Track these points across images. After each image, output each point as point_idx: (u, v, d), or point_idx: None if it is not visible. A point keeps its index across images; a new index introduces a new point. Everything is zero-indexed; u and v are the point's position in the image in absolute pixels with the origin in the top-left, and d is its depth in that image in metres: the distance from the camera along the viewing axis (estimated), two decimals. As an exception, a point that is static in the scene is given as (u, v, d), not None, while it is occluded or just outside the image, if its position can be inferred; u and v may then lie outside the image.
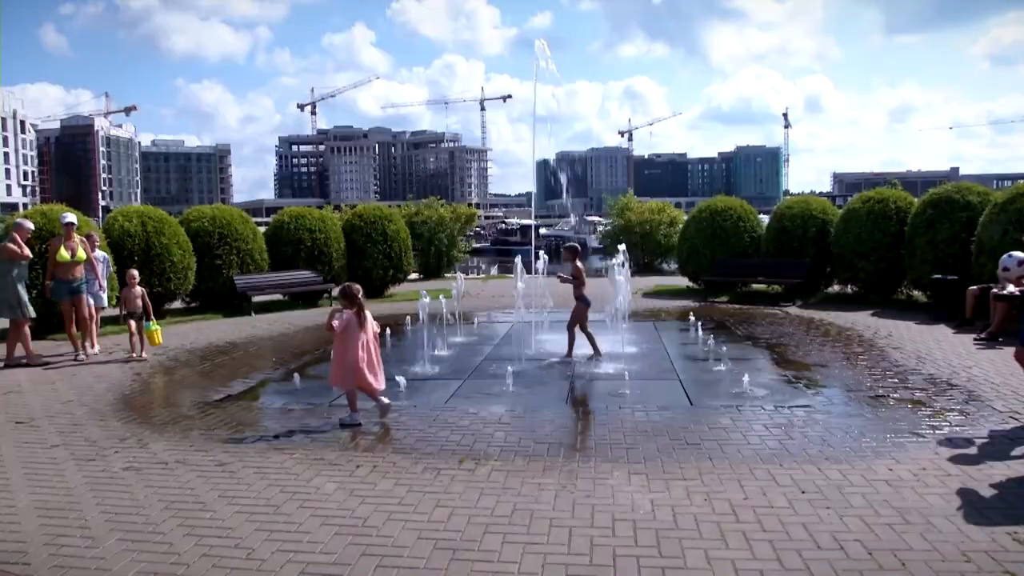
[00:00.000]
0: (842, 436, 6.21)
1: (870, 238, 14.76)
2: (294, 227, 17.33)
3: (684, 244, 18.14)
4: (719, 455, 5.78)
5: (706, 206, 18.06)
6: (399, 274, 19.03)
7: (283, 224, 17.54)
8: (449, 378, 8.84)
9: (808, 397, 7.56)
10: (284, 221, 17.60)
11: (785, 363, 9.32)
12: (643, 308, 15.15)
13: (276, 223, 17.83)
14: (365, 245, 18.29)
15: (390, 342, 11.46)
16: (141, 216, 14.68)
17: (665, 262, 26.43)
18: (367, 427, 6.79)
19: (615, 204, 28.04)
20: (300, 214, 17.76)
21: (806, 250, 16.07)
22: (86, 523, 4.78)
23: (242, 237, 16.14)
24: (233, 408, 7.70)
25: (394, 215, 19.54)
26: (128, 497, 5.22)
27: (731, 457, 5.73)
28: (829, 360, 9.44)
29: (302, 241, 17.18)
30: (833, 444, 6.00)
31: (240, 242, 16.06)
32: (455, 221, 26.18)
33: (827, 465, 5.51)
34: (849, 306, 14.56)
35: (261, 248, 16.72)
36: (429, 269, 25.19)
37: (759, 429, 6.45)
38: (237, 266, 15.96)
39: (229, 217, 16.22)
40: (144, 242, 14.35)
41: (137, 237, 14.31)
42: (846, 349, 10.17)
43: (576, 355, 9.69)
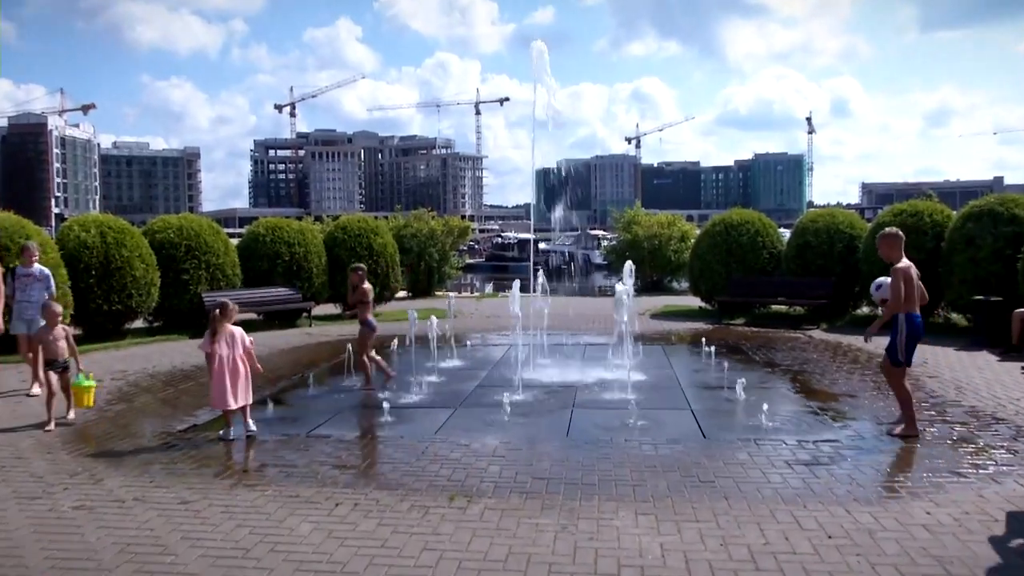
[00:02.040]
0: (873, 475, 6.16)
1: (903, 255, 14.76)
2: (270, 240, 17.32)
3: (696, 261, 18.17)
4: (736, 494, 5.73)
5: (721, 220, 18.11)
6: (386, 292, 19.02)
7: (258, 236, 17.53)
8: (439, 406, 8.80)
9: (835, 431, 7.51)
10: (259, 233, 17.60)
11: (809, 393, 9.28)
12: (651, 330, 15.12)
13: (250, 235, 17.83)
14: (349, 260, 18.23)
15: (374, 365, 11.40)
16: (100, 226, 14.66)
17: (675, 280, 26.45)
18: (347, 459, 6.73)
19: (621, 217, 28.13)
20: (277, 225, 17.77)
21: (832, 268, 16.09)
22: (27, 571, 4.69)
23: (212, 250, 16.12)
24: (199, 439, 7.63)
25: (380, 227, 19.57)
26: (78, 540, 5.15)
27: (749, 497, 5.68)
28: (858, 390, 9.41)
29: (279, 255, 17.17)
30: (863, 484, 5.95)
31: (210, 255, 16.04)
32: (447, 234, 26.21)
33: (857, 507, 5.46)
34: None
35: (233, 262, 16.70)
36: (418, 287, 25.16)
37: (780, 466, 6.40)
38: (206, 282, 15.93)
39: (198, 228, 16.21)
40: (103, 255, 14.31)
41: (95, 249, 14.28)
42: (877, 378, 10.12)
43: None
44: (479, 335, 14.87)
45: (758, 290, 16.74)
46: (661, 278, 26.43)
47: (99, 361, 12.32)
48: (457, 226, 26.93)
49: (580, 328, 14.98)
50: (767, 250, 17.32)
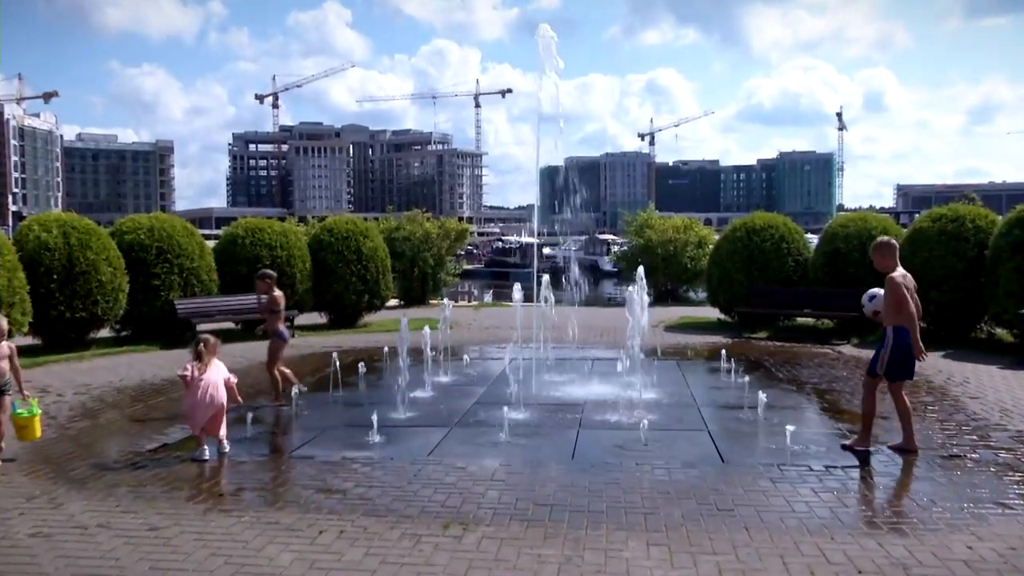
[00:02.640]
0: (908, 504, 6.15)
1: (942, 264, 14.80)
2: (250, 242, 17.36)
3: (715, 269, 18.17)
4: (757, 524, 5.72)
5: (742, 224, 18.13)
6: (375, 300, 19.04)
7: (236, 238, 17.56)
8: (433, 425, 8.80)
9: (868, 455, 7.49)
10: (238, 235, 17.64)
11: (837, 413, 9.27)
12: (666, 344, 15.11)
13: (228, 237, 17.87)
14: (336, 265, 18.31)
15: (363, 381, 11.43)
16: (63, 225, 14.69)
17: (692, 290, 26.47)
18: (332, 482, 6.72)
19: (633, 220, 28.19)
20: (257, 227, 17.80)
21: (863, 277, 16.03)
22: (-16, 600, 4.69)
23: (186, 253, 16.15)
24: (170, 460, 7.63)
25: (370, 230, 19.60)
26: (35, 571, 5.14)
27: (772, 527, 5.67)
28: (891, 411, 9.36)
29: (259, 259, 17.18)
30: (897, 513, 5.94)
31: (183, 259, 16.07)
32: (443, 238, 26.25)
33: (890, 540, 5.45)
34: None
35: (209, 267, 16.72)
36: (411, 295, 25.17)
37: (806, 493, 6.40)
38: (179, 288, 15.95)
39: (170, 229, 16.25)
40: (66, 257, 14.34)
41: (58, 251, 14.31)
42: (912, 398, 10.07)
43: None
44: (477, 348, 14.86)
45: (782, 301, 16.74)
46: (676, 287, 26.44)
47: (60, 374, 12.34)
48: (454, 229, 26.98)
49: (587, 341, 14.98)
50: (792, 257, 17.33)
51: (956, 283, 14.69)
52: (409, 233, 25.22)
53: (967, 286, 14.67)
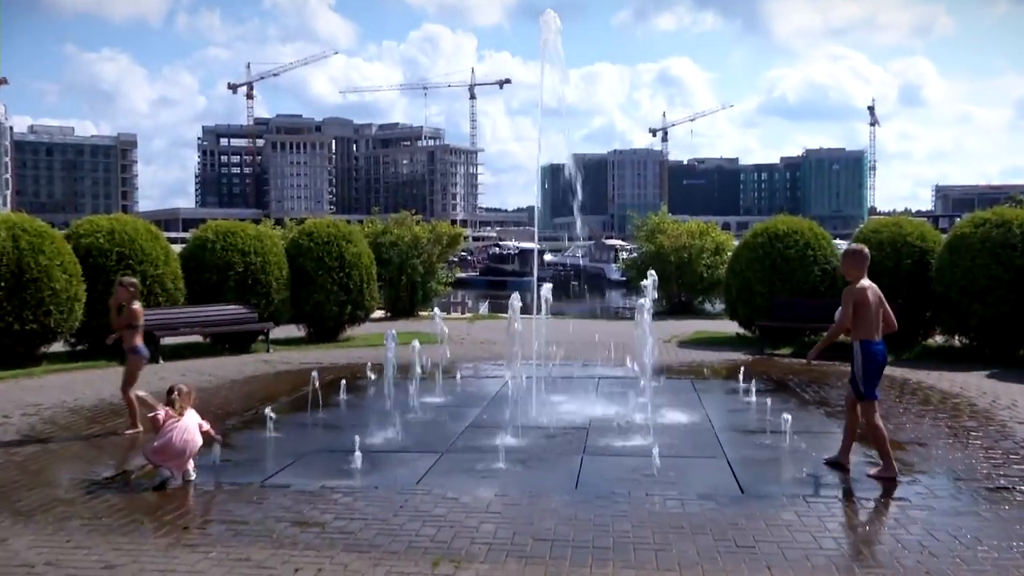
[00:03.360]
0: (949, 542, 6.13)
1: (986, 274, 14.82)
2: (221, 247, 17.35)
3: (734, 278, 18.19)
4: (781, 562, 5.70)
5: (763, 229, 18.16)
6: (359, 311, 19.04)
7: (206, 243, 17.56)
8: (422, 451, 8.78)
9: (902, 487, 7.49)
10: (208, 239, 17.64)
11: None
12: (679, 361, 15.10)
13: (197, 241, 17.87)
14: (315, 273, 18.31)
15: (345, 400, 11.40)
16: (12, 227, 14.70)
17: (708, 302, 26.49)
18: (310, 514, 6.70)
19: (643, 224, 28.23)
20: (229, 230, 17.81)
21: (898, 289, 16.07)
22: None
23: (150, 259, 16.15)
24: (129, 489, 7.60)
25: (354, 234, 19.63)
26: (-20, 609, 5.10)
27: (797, 566, 5.65)
28: (929, 437, 9.38)
29: (231, 266, 17.19)
30: (937, 552, 5.92)
31: (147, 265, 16.06)
32: (434, 243, 26.28)
33: (927, 579, 5.42)
34: (957, 364, 14.53)
35: (175, 274, 16.72)
36: (399, 305, 25.17)
37: (834, 528, 6.38)
38: (142, 297, 15.88)
39: (133, 232, 16.25)
40: (15, 263, 14.34)
41: (5, 256, 14.30)
42: (953, 422, 10.10)
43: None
44: (471, 364, 14.84)
45: (808, 314, 16.73)
46: (691, 298, 26.46)
47: (7, 393, 12.31)
48: (446, 233, 27.02)
49: (593, 357, 14.95)
50: (819, 266, 17.34)
51: (1002, 295, 14.70)
52: (397, 238, 25.24)
53: (1014, 298, 14.67)
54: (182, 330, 16.31)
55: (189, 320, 16.44)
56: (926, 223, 18.10)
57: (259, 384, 13.35)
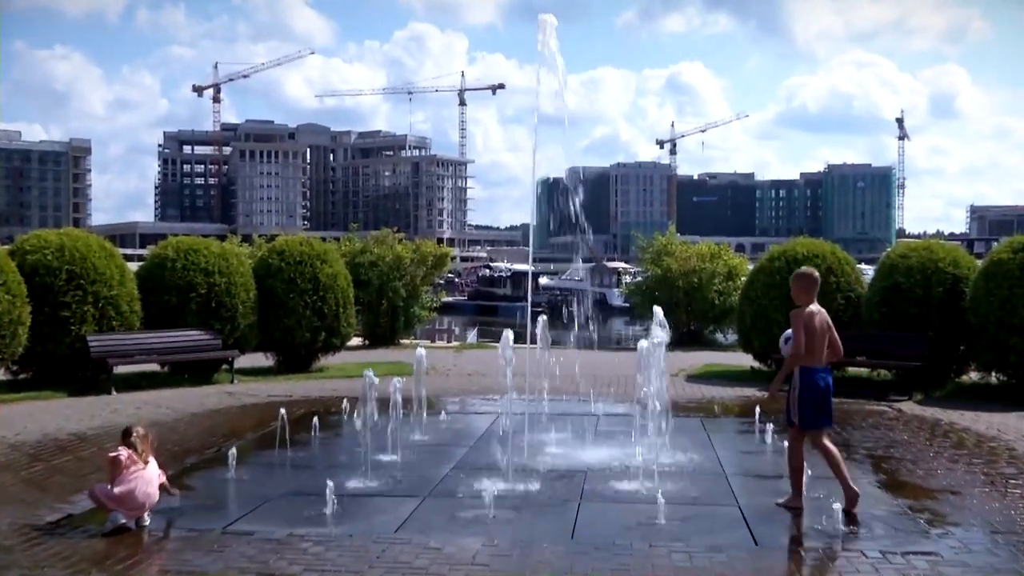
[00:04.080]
0: (982, 599, 6.10)
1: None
2: (181, 266, 17.33)
3: (748, 306, 18.21)
4: (800, 624, 5.66)
5: (781, 252, 18.21)
6: (334, 339, 18.99)
7: (166, 261, 17.53)
8: (401, 495, 8.76)
9: (933, 540, 7.48)
10: (167, 257, 17.61)
11: (897, 487, 9.26)
12: (687, 398, 15.09)
13: (156, 259, 17.84)
14: (286, 295, 18.27)
15: (317, 437, 11.37)
16: (-47, 243, 14.63)
17: (720, 331, 26.49)
18: (276, 565, 6.66)
19: (649, 245, 28.29)
20: (191, 247, 17.79)
21: (929, 319, 16.15)
22: None
23: (103, 278, 16.13)
24: (75, 534, 7.54)
25: (330, 253, 19.62)
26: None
27: (817, 627, 5.62)
28: (963, 484, 9.37)
29: (193, 287, 17.15)
30: (969, 611, 5.89)
31: (100, 286, 16.04)
32: (418, 264, 26.30)
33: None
34: (993, 403, 14.55)
35: (131, 295, 16.68)
36: (378, 333, 25.14)
37: (859, 585, 6.35)
38: (93, 321, 15.90)
39: (84, 248, 16.24)
40: (-42, 282, 14.26)
41: (-53, 274, 14.24)
42: (989, 468, 10.10)
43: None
44: (457, 399, 14.81)
45: (830, 347, 16.74)
46: (701, 328, 26.48)
47: (-55, 425, 12.21)
48: (432, 253, 27.04)
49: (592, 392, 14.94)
50: (842, 294, 17.37)
51: (1043, 327, 14.73)
52: (377, 257, 25.25)
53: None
54: (137, 358, 16.25)
55: (145, 347, 16.39)
56: (960, 247, 18.16)
57: (222, 418, 13.29)
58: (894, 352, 15.96)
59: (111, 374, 15.47)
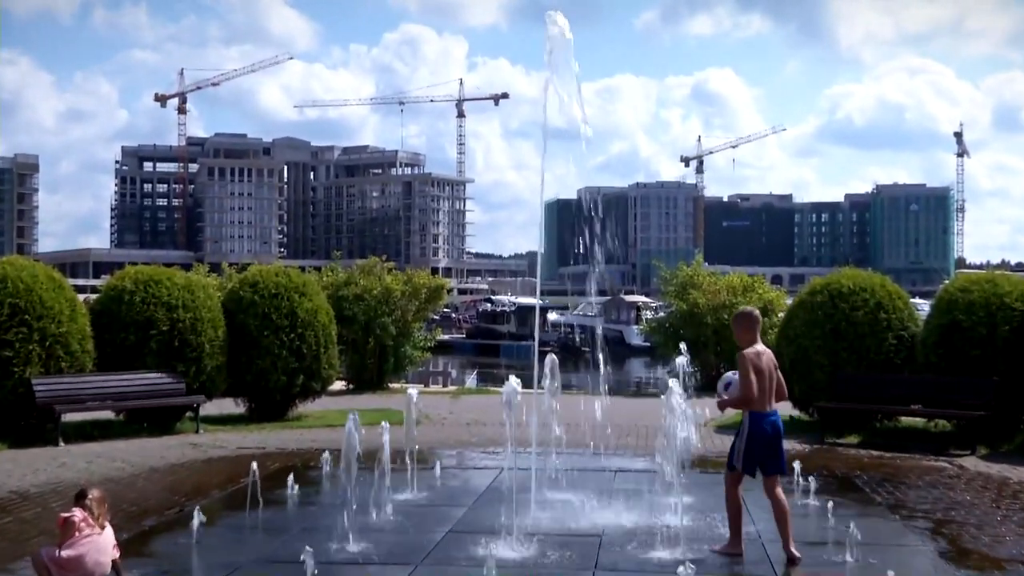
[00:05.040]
0: None
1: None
2: (141, 299, 17.34)
3: (787, 346, 18.14)
4: None
5: (823, 285, 18.18)
6: (314, 383, 18.95)
7: (123, 293, 17.55)
8: (390, 563, 8.74)
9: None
10: (125, 289, 17.63)
11: (960, 556, 9.20)
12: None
13: (111, 291, 17.87)
14: (260, 333, 18.26)
15: (294, 496, 11.32)
16: None
17: (755, 375, 26.44)
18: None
19: (673, 276, 28.30)
20: (152, 278, 17.81)
21: (993, 363, 16.10)
22: None
23: (51, 313, 16.14)
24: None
25: (309, 285, 19.66)
26: None
27: None
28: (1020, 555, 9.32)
29: (153, 323, 17.16)
30: None
31: (47, 321, 16.05)
32: (410, 297, 26.30)
33: None
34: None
35: (83, 332, 16.70)
36: (364, 376, 25.11)
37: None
38: (39, 362, 15.91)
39: (30, 279, 16.28)
40: None
41: None
42: (1060, 532, 10.03)
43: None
44: (454, 452, 14.79)
45: (880, 393, 16.71)
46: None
47: None
48: (425, 285, 27.05)
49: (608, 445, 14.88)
50: (894, 333, 17.33)
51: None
52: (363, 290, 25.25)
53: None
54: (89, 404, 16.20)
55: (99, 391, 16.34)
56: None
57: (185, 474, 13.25)
58: (954, 400, 15.91)
59: (59, 422, 15.42)
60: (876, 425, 17.10)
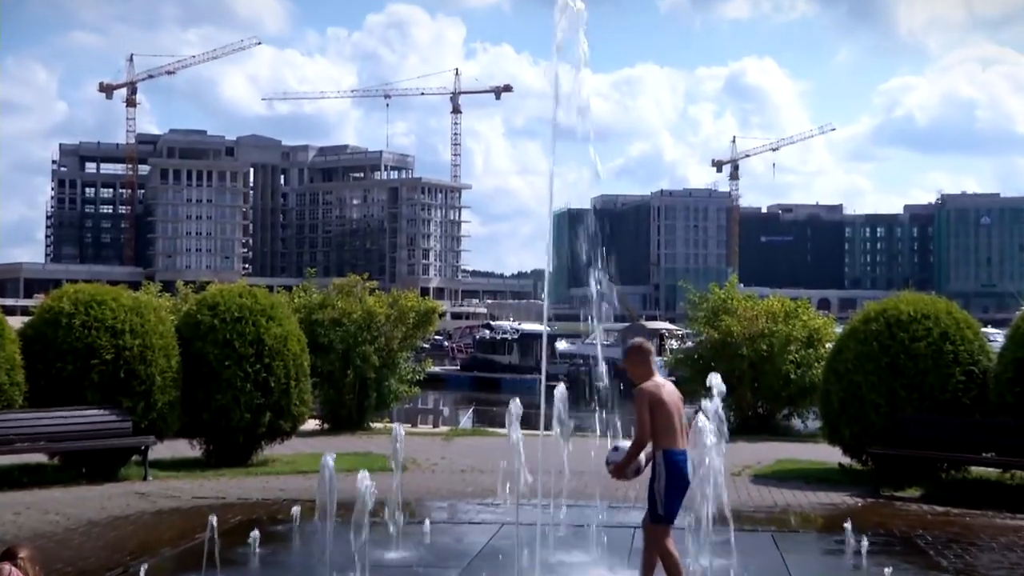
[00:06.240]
0: None
1: None
2: (81, 323, 17.33)
3: (836, 382, 18.13)
4: None
5: (879, 311, 18.17)
6: (283, 421, 18.92)
7: (60, 316, 17.56)
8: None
9: None
10: (62, 311, 17.63)
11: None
12: (754, 505, 15.02)
13: (46, 314, 17.88)
14: (220, 363, 18.24)
15: (258, 555, 11.32)
16: None
17: (797, 415, 26.36)
18: None
19: (702, 299, 28.28)
20: (95, 298, 17.80)
21: (1075, 402, 16.10)
22: None
23: (-24, 339, 16.16)
24: None
25: (278, 308, 19.67)
26: None
27: None
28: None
29: (95, 351, 17.14)
30: None
31: (-28, 348, 16.07)
32: (396, 322, 26.31)
33: None
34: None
35: (12, 361, 16.69)
36: (342, 414, 25.11)
37: None
38: (-37, 396, 15.91)
39: (-45, 299, 16.28)
40: None
41: None
42: None
43: None
44: (445, 504, 14.80)
45: (946, 438, 16.67)
46: (771, 411, 26.38)
47: None
48: (414, 308, 27.07)
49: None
50: (961, 368, 17.29)
51: None
52: (341, 314, 25.26)
53: None
54: (18, 445, 16.19)
55: (30, 431, 16.32)
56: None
57: (130, 529, 13.23)
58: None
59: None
60: (941, 476, 17.05)
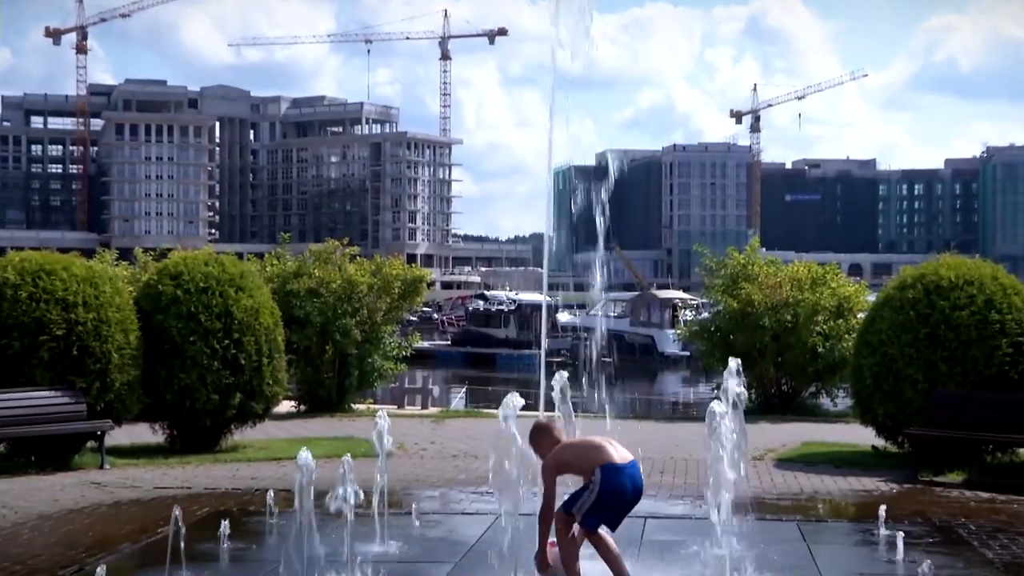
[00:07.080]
0: None
1: None
2: (28, 295, 17.31)
3: (869, 356, 18.13)
4: None
5: (917, 277, 18.15)
6: (255, 403, 18.92)
7: (4, 288, 17.53)
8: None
9: None
10: (7, 282, 17.60)
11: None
12: (779, 491, 15.06)
13: (-10, 285, 17.87)
14: (184, 339, 18.22)
15: (227, 550, 11.36)
16: None
17: (825, 392, 26.38)
18: None
19: (720, 265, 28.26)
20: (43, 268, 17.77)
21: None
22: None
23: (-88, 313, 16.17)
24: None
25: (249, 277, 19.65)
26: None
27: None
28: None
29: (45, 326, 17.12)
30: None
31: (-93, 324, 16.08)
32: (380, 292, 26.29)
33: None
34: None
35: (-47, 338, 16.71)
36: (320, 394, 25.14)
37: None
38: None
39: None
40: None
41: None
42: None
43: None
44: (436, 493, 14.86)
45: (991, 417, 16.69)
46: (796, 388, 26.40)
47: None
48: (399, 276, 27.04)
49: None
50: (1009, 338, 17.28)
51: None
52: (319, 283, 25.23)
53: None
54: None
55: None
56: None
57: (86, 522, 13.23)
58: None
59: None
60: (986, 459, 17.08)
